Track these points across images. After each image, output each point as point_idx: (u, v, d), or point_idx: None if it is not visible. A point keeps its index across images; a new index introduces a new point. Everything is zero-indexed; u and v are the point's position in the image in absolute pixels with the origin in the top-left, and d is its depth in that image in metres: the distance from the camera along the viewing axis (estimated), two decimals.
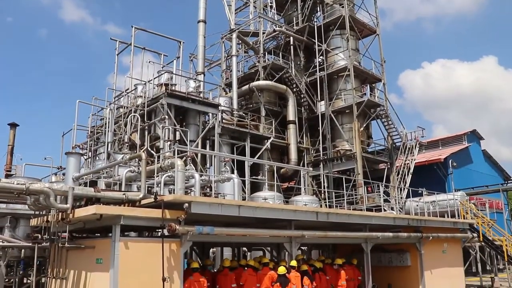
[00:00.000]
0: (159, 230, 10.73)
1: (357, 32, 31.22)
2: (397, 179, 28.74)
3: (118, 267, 9.42)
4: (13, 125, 18.40)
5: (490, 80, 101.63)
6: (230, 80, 28.57)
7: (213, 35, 34.24)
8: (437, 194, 22.53)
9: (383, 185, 24.87)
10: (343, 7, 30.51)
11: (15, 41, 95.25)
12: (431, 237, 17.91)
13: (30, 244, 12.57)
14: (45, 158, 18.09)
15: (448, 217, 21.08)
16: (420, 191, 21.40)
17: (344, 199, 20.37)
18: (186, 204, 10.21)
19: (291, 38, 31.21)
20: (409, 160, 29.27)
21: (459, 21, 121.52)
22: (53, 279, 11.30)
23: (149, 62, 25.33)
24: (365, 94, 30.24)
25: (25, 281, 16.06)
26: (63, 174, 17.06)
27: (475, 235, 21.85)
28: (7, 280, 14.96)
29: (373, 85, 31.55)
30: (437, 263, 18.68)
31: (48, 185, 10.09)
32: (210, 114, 22.63)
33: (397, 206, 24.74)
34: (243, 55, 32.65)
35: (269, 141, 25.62)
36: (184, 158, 14.93)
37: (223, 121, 23.42)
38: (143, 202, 10.55)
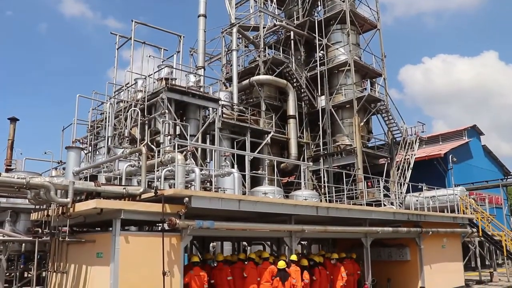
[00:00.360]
0: (160, 224, 10.74)
1: (357, 26, 31.11)
2: (397, 174, 28.76)
3: (118, 261, 9.43)
4: (13, 120, 18.39)
5: (490, 75, 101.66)
6: (230, 74, 28.50)
7: (214, 30, 34.14)
8: (437, 189, 22.54)
9: (383, 180, 24.88)
10: (344, 1, 30.37)
11: (15, 38, 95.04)
12: (430, 232, 17.94)
13: (31, 238, 12.56)
14: (45, 153, 18.04)
15: (447, 212, 21.11)
16: (420, 186, 21.44)
17: (344, 194, 20.42)
18: (187, 199, 10.22)
19: (292, 32, 31.09)
20: (409, 155, 29.27)
21: (460, 16, 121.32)
22: (54, 273, 11.33)
23: (149, 56, 25.29)
24: (365, 89, 30.18)
25: (25, 275, 16.09)
26: (63, 169, 17.08)
27: (474, 230, 21.89)
28: (7, 274, 14.98)
29: (374, 80, 31.49)
30: (437, 258, 18.72)
31: (48, 179, 10.09)
32: (211, 109, 22.60)
33: (397, 201, 24.75)
34: (244, 49, 32.52)
35: (269, 135, 25.62)
36: (185, 152, 14.95)
37: (223, 115, 23.40)
38: (143, 196, 10.55)
